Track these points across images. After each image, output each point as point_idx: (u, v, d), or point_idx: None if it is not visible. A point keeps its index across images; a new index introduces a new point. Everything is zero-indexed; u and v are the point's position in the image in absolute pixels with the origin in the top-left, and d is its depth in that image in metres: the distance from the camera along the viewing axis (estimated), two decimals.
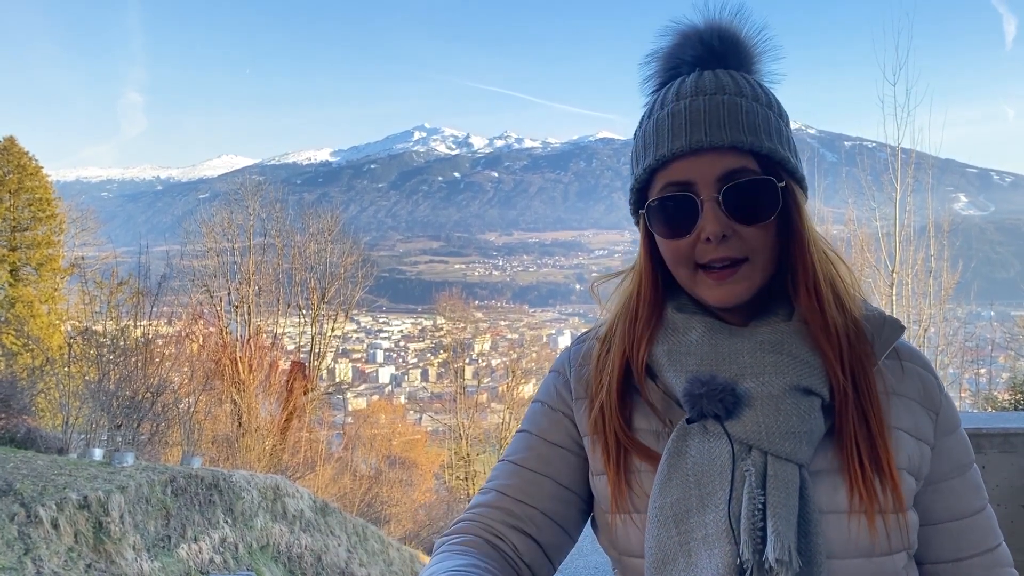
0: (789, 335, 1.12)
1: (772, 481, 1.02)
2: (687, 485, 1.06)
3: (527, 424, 1.27)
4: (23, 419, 12.01)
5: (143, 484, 9.46)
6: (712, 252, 1.09)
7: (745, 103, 1.11)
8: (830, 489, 1.06)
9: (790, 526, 1.00)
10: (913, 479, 1.12)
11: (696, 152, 1.09)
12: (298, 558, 12.12)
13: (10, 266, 24.55)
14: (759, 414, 1.06)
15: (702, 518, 1.04)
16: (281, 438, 23.97)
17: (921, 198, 16.20)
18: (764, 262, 1.12)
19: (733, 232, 1.08)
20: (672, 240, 1.13)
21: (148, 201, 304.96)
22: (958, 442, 1.18)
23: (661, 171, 1.12)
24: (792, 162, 1.12)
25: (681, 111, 1.11)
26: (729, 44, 1.17)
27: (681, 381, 1.11)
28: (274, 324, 28.02)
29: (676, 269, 1.15)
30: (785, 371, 1.08)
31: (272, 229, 28.94)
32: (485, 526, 1.18)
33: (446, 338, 42.14)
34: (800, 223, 1.13)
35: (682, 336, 1.15)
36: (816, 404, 1.08)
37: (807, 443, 1.05)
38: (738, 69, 1.17)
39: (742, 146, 1.08)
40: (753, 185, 1.09)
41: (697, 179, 1.09)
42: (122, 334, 16.95)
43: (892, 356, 1.18)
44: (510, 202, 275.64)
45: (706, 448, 1.07)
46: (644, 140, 1.16)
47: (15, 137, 25.59)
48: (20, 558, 7.21)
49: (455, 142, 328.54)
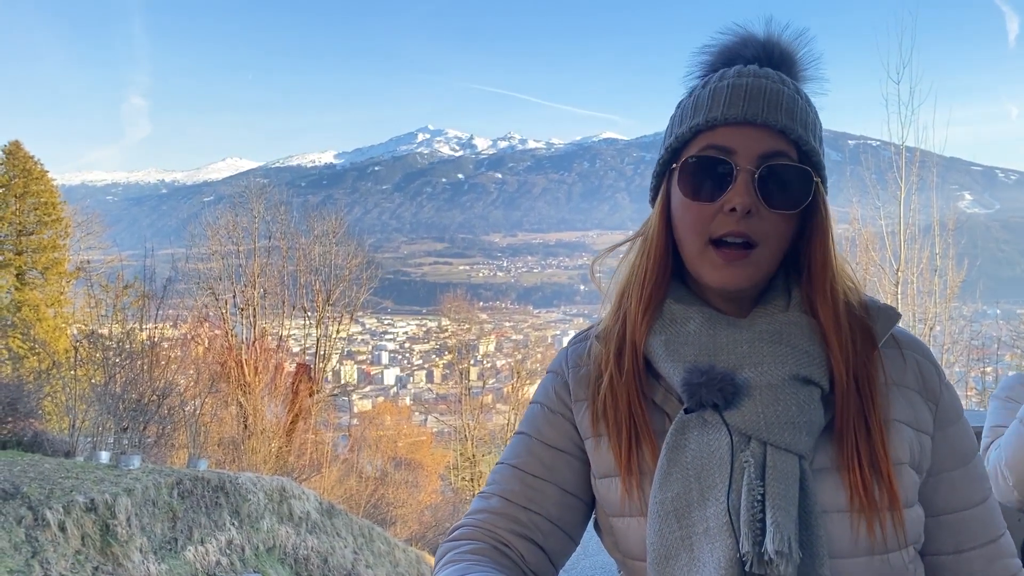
0: (788, 325, 1.12)
1: (771, 472, 1.02)
2: (687, 479, 1.05)
3: (526, 427, 1.25)
4: (30, 422, 12.04)
5: (150, 487, 9.48)
6: (731, 225, 1.09)
7: (801, 101, 1.13)
8: (832, 487, 1.05)
9: (790, 517, 0.99)
10: (915, 473, 1.11)
11: (747, 124, 1.10)
12: (304, 560, 12.13)
13: (16, 270, 24.64)
14: (758, 404, 1.05)
15: (703, 512, 1.03)
16: (287, 440, 23.99)
17: (926, 196, 16.16)
18: (774, 252, 1.12)
19: (757, 211, 1.08)
20: (696, 202, 1.12)
21: (153, 204, 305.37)
22: (960, 433, 1.17)
23: (706, 132, 1.12)
24: (824, 170, 1.15)
25: (742, 85, 1.12)
26: (787, 59, 1.19)
27: (679, 371, 1.10)
28: (279, 326, 28.03)
29: (687, 237, 1.14)
30: (784, 361, 1.08)
31: (277, 232, 28.96)
32: (491, 533, 1.16)
33: (451, 339, 42.15)
34: (826, 217, 1.14)
35: (680, 326, 1.14)
36: (816, 394, 1.07)
37: (807, 433, 1.04)
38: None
39: (791, 134, 1.10)
40: (791, 171, 1.10)
41: (740, 149, 1.09)
42: (128, 337, 16.97)
43: (892, 345, 1.17)
44: (514, 203, 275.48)
45: (705, 440, 1.06)
46: (695, 103, 1.15)
47: (20, 141, 25.72)
48: (28, 561, 7.23)
49: (459, 144, 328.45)
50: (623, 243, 1.27)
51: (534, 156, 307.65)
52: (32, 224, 25.25)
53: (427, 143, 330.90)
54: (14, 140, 25.68)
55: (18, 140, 25.72)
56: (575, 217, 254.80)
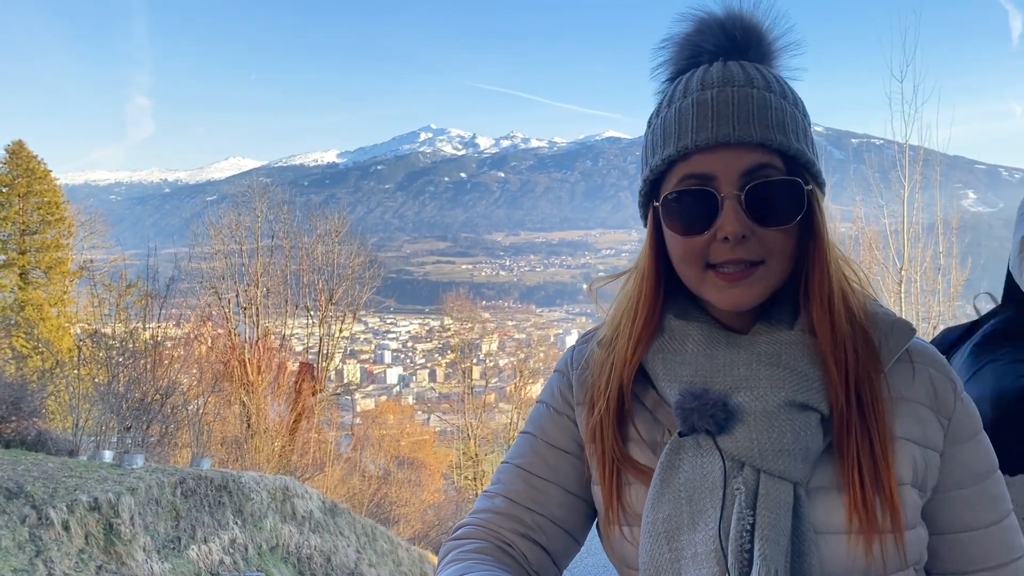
0: (788, 346, 1.06)
1: (763, 500, 0.99)
2: (679, 501, 1.03)
3: (531, 426, 1.24)
4: (33, 421, 12.06)
5: (153, 486, 9.50)
6: (728, 253, 1.03)
7: (774, 99, 1.05)
8: (829, 508, 1.02)
9: (780, 549, 0.97)
10: (917, 492, 1.06)
11: (722, 146, 1.02)
12: (308, 559, 12.14)
13: (20, 269, 24.70)
14: (752, 430, 1.01)
15: (692, 536, 1.01)
16: (290, 439, 24.01)
17: (929, 195, 16.10)
18: (780, 266, 1.05)
19: (752, 233, 1.02)
20: (686, 237, 1.05)
21: (156, 204, 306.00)
22: (975, 450, 1.10)
23: (681, 163, 1.05)
24: (817, 165, 1.07)
25: (707, 101, 1.04)
26: (752, 35, 1.10)
27: (675, 392, 1.07)
28: (282, 326, 28.05)
29: (684, 268, 1.08)
30: (781, 385, 1.03)
31: (280, 231, 28.97)
32: (494, 533, 1.16)
33: (453, 339, 42.18)
34: (821, 228, 1.07)
35: (678, 344, 1.11)
36: (813, 420, 1.03)
37: (802, 460, 1.01)
38: (760, 62, 1.10)
39: (771, 144, 1.02)
40: (778, 185, 1.03)
41: (719, 173, 1.02)
42: (131, 336, 16.98)
43: (902, 358, 1.10)
44: (516, 202, 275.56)
45: (698, 464, 1.04)
46: (664, 129, 1.08)
47: (24, 141, 25.78)
48: (31, 560, 7.24)
49: (461, 143, 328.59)
50: (620, 275, 1.22)
51: (537, 155, 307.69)
52: (36, 223, 25.31)
53: (430, 142, 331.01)
54: (18, 140, 25.80)
55: (22, 140, 25.84)
56: (578, 216, 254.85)
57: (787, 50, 1.12)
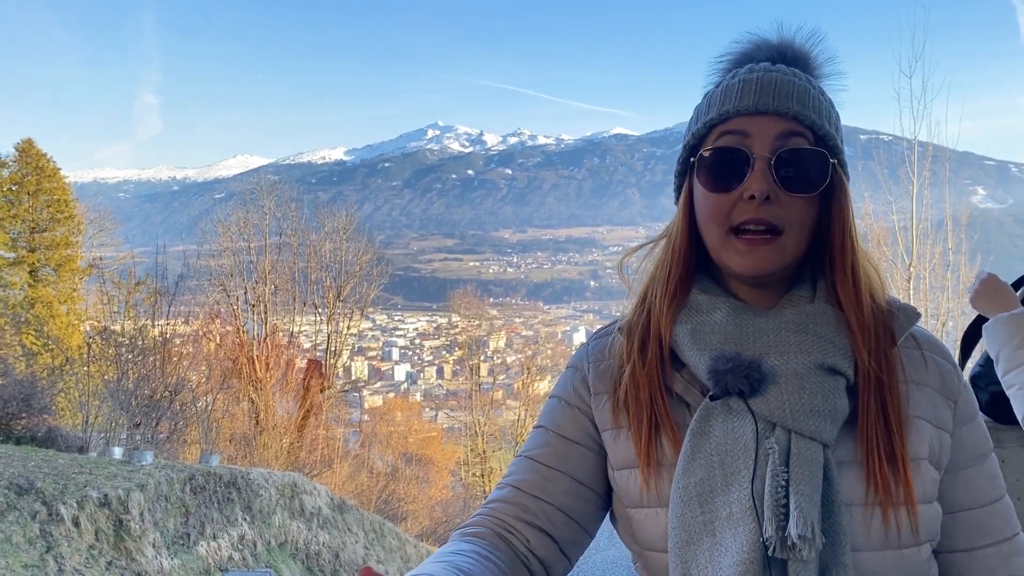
0: (814, 316, 1.12)
1: (795, 459, 1.03)
2: (711, 464, 1.06)
3: (544, 420, 1.27)
4: (44, 418, 12.15)
5: (162, 482, 9.54)
6: (751, 212, 1.09)
7: (814, 91, 1.15)
8: (850, 480, 1.06)
9: (813, 504, 1.00)
10: (935, 469, 1.11)
11: (759, 113, 1.11)
12: (316, 555, 12.19)
13: (29, 267, 24.82)
14: (783, 391, 1.06)
15: (727, 497, 1.04)
16: (298, 436, 24.10)
17: (938, 191, 16.01)
18: (798, 238, 1.12)
19: (777, 197, 1.09)
20: (715, 194, 1.13)
21: (164, 201, 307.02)
22: (976, 431, 1.17)
23: (720, 126, 1.14)
24: (843, 154, 1.16)
25: (752, 79, 1.14)
26: (800, 61, 1.20)
27: (705, 359, 1.11)
28: (290, 323, 28.14)
29: (709, 228, 1.14)
30: (810, 350, 1.09)
31: (287, 228, 29.07)
32: (497, 520, 1.18)
33: (461, 335, 42.35)
34: (846, 204, 1.16)
35: (706, 316, 1.16)
36: (841, 384, 1.08)
37: (831, 422, 1.05)
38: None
39: (804, 119, 1.11)
40: (807, 154, 1.11)
41: (754, 132, 1.11)
42: (140, 334, 17.07)
43: (911, 344, 1.18)
44: (524, 199, 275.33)
45: (730, 427, 1.07)
46: (709, 101, 1.18)
47: (33, 139, 25.90)
48: (42, 556, 7.29)
49: (468, 140, 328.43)
50: (648, 243, 1.27)
51: (544, 152, 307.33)
52: (45, 221, 25.42)
53: (437, 139, 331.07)
54: (27, 138, 25.88)
55: (31, 138, 25.93)
56: (585, 213, 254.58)
57: (830, 78, 1.22)
